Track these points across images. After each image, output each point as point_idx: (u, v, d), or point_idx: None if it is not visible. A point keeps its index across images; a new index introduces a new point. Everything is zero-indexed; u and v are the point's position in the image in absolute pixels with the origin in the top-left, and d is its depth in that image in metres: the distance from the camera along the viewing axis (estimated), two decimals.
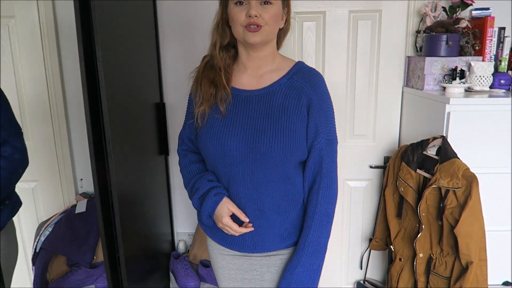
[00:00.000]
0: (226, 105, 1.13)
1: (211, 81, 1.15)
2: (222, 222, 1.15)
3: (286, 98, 1.12)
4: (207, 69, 1.18)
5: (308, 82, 1.14)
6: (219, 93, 1.13)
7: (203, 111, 1.15)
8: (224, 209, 1.14)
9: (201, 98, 1.16)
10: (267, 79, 1.15)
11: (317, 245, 1.13)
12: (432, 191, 1.56)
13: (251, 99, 1.14)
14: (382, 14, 1.98)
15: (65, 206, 2.18)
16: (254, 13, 1.04)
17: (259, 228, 1.17)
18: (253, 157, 1.10)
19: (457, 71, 1.74)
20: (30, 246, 2.18)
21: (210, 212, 1.17)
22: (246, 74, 1.18)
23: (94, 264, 1.98)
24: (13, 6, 1.97)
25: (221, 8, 1.14)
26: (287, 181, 1.15)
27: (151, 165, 1.97)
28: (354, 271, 2.29)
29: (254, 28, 1.06)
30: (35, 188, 2.20)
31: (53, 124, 2.11)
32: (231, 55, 1.19)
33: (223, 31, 1.15)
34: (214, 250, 1.30)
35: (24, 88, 2.07)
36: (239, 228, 1.15)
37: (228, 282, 1.29)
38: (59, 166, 2.16)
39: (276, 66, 1.18)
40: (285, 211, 1.17)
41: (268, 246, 1.19)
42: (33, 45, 2.02)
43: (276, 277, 1.22)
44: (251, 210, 1.15)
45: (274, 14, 1.08)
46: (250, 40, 1.08)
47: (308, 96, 1.12)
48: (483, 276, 1.50)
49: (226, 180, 1.16)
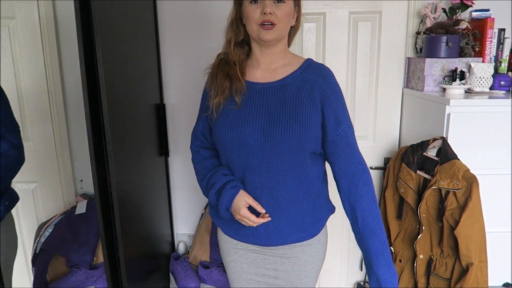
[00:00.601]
0: (241, 96, 1.18)
1: (226, 74, 1.20)
2: (240, 214, 1.16)
3: (299, 90, 1.16)
4: (222, 64, 1.23)
5: (319, 76, 1.19)
6: (234, 85, 1.18)
7: (218, 103, 1.19)
8: (241, 201, 1.16)
9: (216, 91, 1.20)
10: (280, 73, 1.20)
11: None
12: (432, 192, 1.56)
13: (265, 91, 1.18)
14: (382, 16, 1.98)
15: (65, 207, 2.18)
16: (268, 10, 1.09)
17: (273, 217, 1.18)
18: (268, 145, 1.13)
19: (457, 72, 1.74)
20: (30, 247, 2.18)
21: (228, 205, 1.18)
22: (259, 68, 1.22)
23: (94, 265, 1.98)
24: (14, 7, 1.98)
25: (235, 7, 1.19)
26: (301, 170, 1.17)
27: (151, 166, 1.97)
28: (354, 272, 2.29)
29: (268, 26, 1.11)
30: (35, 189, 2.19)
31: (53, 125, 2.11)
32: (245, 51, 1.25)
33: (237, 28, 1.20)
34: (227, 245, 1.31)
35: (24, 89, 2.07)
36: (257, 219, 1.16)
37: (240, 275, 1.30)
38: (59, 167, 2.16)
39: (288, 61, 1.23)
40: (300, 202, 1.19)
41: (282, 238, 1.20)
42: (34, 46, 2.02)
43: (290, 271, 1.24)
44: (266, 199, 1.17)
45: (287, 12, 1.13)
46: (264, 37, 1.13)
47: (321, 88, 1.16)
48: (484, 278, 1.50)
49: (242, 169, 1.18)
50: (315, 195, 1.22)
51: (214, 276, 1.95)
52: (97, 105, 1.39)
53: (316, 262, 1.27)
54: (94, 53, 1.35)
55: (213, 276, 1.95)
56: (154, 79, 2.01)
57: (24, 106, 2.09)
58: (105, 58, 1.37)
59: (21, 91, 2.07)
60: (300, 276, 1.25)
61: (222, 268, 1.97)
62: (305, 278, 1.25)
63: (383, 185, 1.90)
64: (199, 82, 2.07)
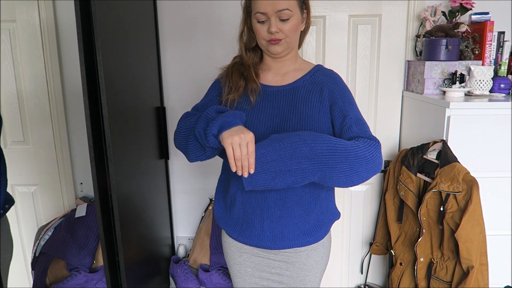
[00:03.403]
0: (255, 96, 1.20)
1: (241, 74, 1.23)
2: (245, 135, 1.00)
3: (309, 92, 1.19)
4: (237, 65, 1.26)
5: (329, 78, 1.22)
6: (250, 85, 1.21)
7: (232, 99, 1.21)
8: (248, 130, 1.03)
9: (230, 87, 1.23)
10: (291, 77, 1.24)
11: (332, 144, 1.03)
12: (433, 195, 1.56)
13: (277, 93, 1.21)
14: (382, 19, 1.99)
15: (65, 210, 2.18)
16: (274, 30, 1.13)
17: (280, 218, 1.17)
18: None
19: (457, 75, 1.74)
20: (30, 250, 2.17)
21: (224, 124, 1.02)
22: (270, 72, 1.26)
23: (93, 269, 1.97)
24: (14, 10, 1.98)
25: (244, 16, 1.22)
26: None
27: (151, 169, 1.97)
28: (354, 275, 2.28)
29: (276, 41, 1.15)
30: (34, 192, 2.19)
31: (53, 128, 2.11)
32: (258, 55, 1.27)
33: (249, 36, 1.23)
34: (232, 248, 1.30)
35: (25, 92, 2.07)
36: (249, 158, 1.00)
37: (244, 278, 1.30)
38: (59, 170, 2.16)
39: (298, 66, 1.27)
40: (307, 204, 1.19)
41: (288, 241, 1.19)
42: (34, 49, 2.03)
43: (295, 276, 1.23)
44: (273, 200, 1.17)
45: (293, 26, 1.16)
46: (272, 51, 1.18)
47: (330, 88, 1.19)
48: (484, 281, 1.50)
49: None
50: (322, 198, 1.22)
51: (214, 279, 1.95)
52: (97, 108, 1.39)
53: (320, 266, 1.26)
54: (94, 56, 1.36)
55: (213, 280, 1.95)
56: (154, 82, 2.01)
57: (24, 109, 2.09)
58: (105, 61, 1.37)
59: (22, 94, 2.07)
60: (304, 281, 1.24)
61: (222, 271, 1.96)
62: (309, 283, 1.25)
63: (383, 188, 1.90)
64: (199, 84, 2.09)
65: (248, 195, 1.19)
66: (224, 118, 1.03)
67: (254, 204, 1.18)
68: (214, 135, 1.03)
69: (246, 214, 1.20)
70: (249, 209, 1.19)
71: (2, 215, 1.49)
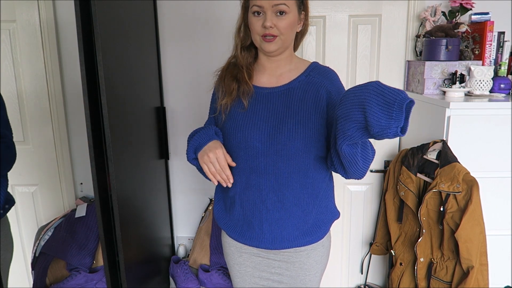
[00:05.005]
0: (248, 99, 1.19)
1: (234, 76, 1.22)
2: (214, 152, 1.13)
3: (305, 93, 1.17)
4: (230, 67, 1.25)
5: (325, 77, 1.20)
6: (242, 88, 1.19)
7: (225, 105, 1.21)
8: (219, 144, 1.16)
9: (223, 92, 1.22)
10: (286, 78, 1.21)
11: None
12: (433, 195, 1.56)
13: (271, 95, 1.19)
14: (382, 19, 1.99)
15: (65, 210, 2.18)
16: (269, 24, 1.10)
17: (279, 220, 1.18)
18: (275, 148, 1.13)
19: (457, 75, 1.74)
20: (30, 250, 2.17)
21: (201, 143, 1.17)
22: (265, 73, 1.24)
23: (93, 269, 1.97)
24: (14, 10, 1.98)
25: (242, 12, 1.20)
26: (307, 173, 1.17)
27: (151, 169, 1.97)
28: (354, 275, 2.28)
29: (270, 38, 1.12)
30: (35, 192, 2.19)
31: (53, 128, 2.11)
32: (253, 54, 1.26)
33: (245, 33, 1.21)
34: (231, 248, 1.30)
35: (25, 92, 2.07)
36: (224, 170, 1.15)
37: (244, 278, 1.30)
38: (59, 170, 2.16)
39: (293, 66, 1.24)
40: (306, 205, 1.19)
41: (287, 242, 1.19)
42: (34, 49, 2.03)
43: (295, 276, 1.23)
44: (272, 202, 1.17)
45: (290, 23, 1.13)
46: (266, 49, 1.15)
47: (327, 89, 1.17)
48: (484, 281, 1.50)
49: (248, 172, 1.18)
50: (321, 198, 1.22)
51: (214, 279, 1.95)
52: (97, 108, 1.39)
53: (320, 266, 1.26)
54: (94, 56, 1.36)
55: (213, 280, 1.95)
56: (154, 82, 2.01)
57: (24, 109, 2.09)
58: (105, 61, 1.37)
59: (22, 94, 2.07)
60: (304, 281, 1.24)
61: (222, 271, 1.96)
62: (309, 283, 1.25)
63: (383, 188, 1.90)
64: (199, 84, 2.09)
65: (247, 197, 1.19)
66: (194, 142, 1.18)
67: (253, 206, 1.18)
68: (194, 159, 1.20)
69: (245, 216, 1.21)
70: (248, 211, 1.20)
71: (2, 216, 1.49)
